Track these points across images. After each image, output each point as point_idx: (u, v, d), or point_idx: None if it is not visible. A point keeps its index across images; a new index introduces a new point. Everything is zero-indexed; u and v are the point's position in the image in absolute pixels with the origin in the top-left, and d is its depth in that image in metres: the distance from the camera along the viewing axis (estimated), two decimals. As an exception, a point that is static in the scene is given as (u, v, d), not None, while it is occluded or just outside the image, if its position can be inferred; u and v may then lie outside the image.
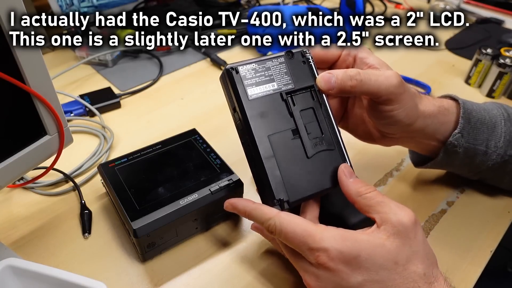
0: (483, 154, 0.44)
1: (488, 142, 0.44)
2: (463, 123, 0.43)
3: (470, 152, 0.44)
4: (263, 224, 0.35)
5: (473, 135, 0.43)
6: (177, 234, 0.43)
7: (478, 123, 0.44)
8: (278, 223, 0.34)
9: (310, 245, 0.32)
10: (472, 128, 0.43)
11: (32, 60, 0.34)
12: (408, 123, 0.40)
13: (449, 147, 0.43)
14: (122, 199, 0.42)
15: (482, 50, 0.69)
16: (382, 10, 1.02)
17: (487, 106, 0.46)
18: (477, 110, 0.44)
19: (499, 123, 0.44)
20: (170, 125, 0.62)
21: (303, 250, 0.33)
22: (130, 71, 0.75)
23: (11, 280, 0.34)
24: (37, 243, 0.45)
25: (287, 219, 0.34)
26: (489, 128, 0.44)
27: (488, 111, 0.45)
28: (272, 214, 0.34)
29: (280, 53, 0.39)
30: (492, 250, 0.45)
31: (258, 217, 0.35)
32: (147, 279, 0.41)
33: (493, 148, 0.44)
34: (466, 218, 0.48)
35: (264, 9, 0.82)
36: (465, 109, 0.43)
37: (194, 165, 0.46)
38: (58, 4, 0.78)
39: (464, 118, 0.43)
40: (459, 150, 0.43)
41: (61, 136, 0.39)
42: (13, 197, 0.50)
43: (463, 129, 0.43)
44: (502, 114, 0.45)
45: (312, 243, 0.32)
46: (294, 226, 0.33)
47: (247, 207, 0.36)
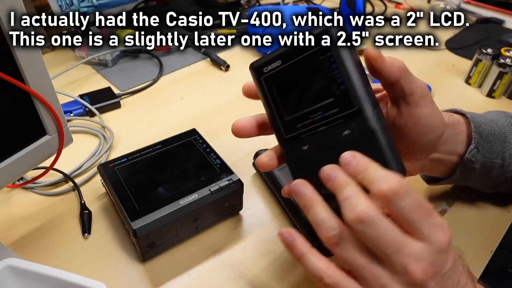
0: (500, 167, 0.43)
1: (503, 154, 0.42)
2: (477, 138, 0.41)
3: (486, 167, 0.43)
4: (383, 179, 0.27)
5: (487, 149, 0.42)
6: (177, 234, 0.43)
7: (489, 136, 0.42)
8: (407, 183, 0.27)
9: (435, 219, 0.28)
10: (485, 141, 0.42)
11: (32, 60, 0.34)
12: (442, 129, 0.37)
13: (467, 164, 0.41)
14: (122, 199, 0.42)
15: (482, 50, 0.69)
16: (382, 10, 1.02)
17: (493, 116, 0.45)
18: (485, 122, 0.42)
19: (509, 133, 0.43)
20: (170, 125, 0.62)
21: (425, 224, 0.27)
22: (130, 71, 0.75)
23: (10, 280, 0.34)
24: (37, 243, 0.45)
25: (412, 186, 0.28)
26: (500, 139, 0.43)
27: (496, 122, 0.44)
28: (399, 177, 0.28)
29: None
30: (492, 250, 0.45)
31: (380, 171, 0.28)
32: (147, 279, 0.41)
33: (508, 159, 0.42)
34: (466, 218, 0.48)
35: (264, 9, 0.82)
36: (475, 122, 0.42)
37: (194, 165, 0.46)
38: (58, 4, 0.78)
39: (476, 132, 0.41)
40: (476, 166, 0.42)
41: (61, 136, 0.39)
42: (12, 197, 0.50)
43: (478, 144, 0.41)
44: (509, 123, 0.44)
45: (436, 216, 0.28)
46: (421, 196, 0.28)
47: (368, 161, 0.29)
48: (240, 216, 0.48)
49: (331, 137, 0.30)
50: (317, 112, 0.31)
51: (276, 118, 0.33)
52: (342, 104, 0.30)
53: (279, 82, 0.32)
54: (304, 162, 0.32)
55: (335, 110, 0.30)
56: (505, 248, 0.56)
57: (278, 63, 0.32)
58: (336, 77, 0.30)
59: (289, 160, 0.33)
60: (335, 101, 0.30)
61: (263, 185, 0.52)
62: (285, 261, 0.43)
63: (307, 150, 0.31)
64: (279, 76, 0.32)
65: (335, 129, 0.30)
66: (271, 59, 0.32)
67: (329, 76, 0.30)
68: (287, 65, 0.32)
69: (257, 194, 0.51)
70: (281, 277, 0.42)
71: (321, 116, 0.31)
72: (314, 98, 0.31)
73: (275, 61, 0.32)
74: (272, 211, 0.49)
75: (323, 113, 0.31)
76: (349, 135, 0.30)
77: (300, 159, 0.32)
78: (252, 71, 0.34)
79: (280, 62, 0.32)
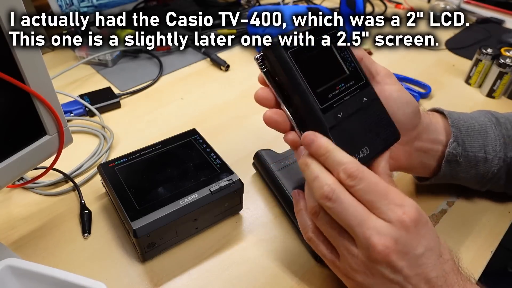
0: (484, 161, 0.44)
1: (486, 147, 0.44)
2: (455, 132, 0.43)
3: (471, 161, 0.44)
4: (344, 165, 0.31)
5: (468, 143, 0.43)
6: (177, 234, 0.43)
7: (469, 131, 0.44)
8: (361, 168, 0.31)
9: (395, 200, 0.30)
10: (465, 135, 0.43)
11: (32, 60, 0.34)
12: (415, 104, 0.39)
13: (449, 157, 0.43)
14: (122, 199, 0.42)
15: (482, 50, 0.69)
16: (382, 10, 1.02)
17: (474, 114, 0.46)
18: (464, 119, 0.44)
19: (490, 128, 0.45)
20: (170, 125, 0.62)
21: (384, 204, 0.30)
22: (130, 71, 0.75)
23: (10, 281, 0.34)
24: (36, 243, 0.45)
25: (368, 169, 0.31)
26: (481, 134, 0.44)
27: (476, 119, 0.45)
28: (354, 160, 0.31)
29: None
30: (492, 250, 0.45)
31: (339, 157, 0.31)
32: (147, 279, 0.41)
33: (492, 153, 0.44)
34: (466, 218, 0.48)
35: (264, 9, 0.82)
36: (452, 118, 0.44)
37: (194, 165, 0.46)
38: (58, 4, 0.78)
39: (454, 127, 0.43)
40: (459, 159, 0.43)
41: (61, 136, 0.39)
42: (12, 197, 0.50)
43: (457, 137, 0.43)
44: (490, 120, 0.45)
45: (395, 198, 0.30)
46: (377, 179, 0.31)
47: (330, 143, 0.32)
48: (240, 216, 0.48)
49: (355, 104, 0.36)
50: (341, 84, 0.36)
51: (308, 90, 0.34)
52: (355, 77, 0.36)
53: (303, 57, 0.34)
54: (342, 128, 0.35)
55: (352, 82, 0.36)
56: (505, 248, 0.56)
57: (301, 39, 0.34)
58: (346, 57, 0.37)
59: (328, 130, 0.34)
60: (350, 75, 0.36)
61: (263, 185, 0.52)
62: (285, 261, 0.43)
63: (342, 117, 0.35)
64: (303, 52, 0.34)
65: (356, 97, 0.36)
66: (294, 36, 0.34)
67: (342, 56, 0.36)
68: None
69: (257, 194, 0.51)
70: (281, 277, 0.42)
71: (344, 87, 0.36)
72: (336, 73, 0.36)
73: (298, 38, 0.34)
74: (272, 211, 0.49)
75: (345, 84, 0.36)
76: (366, 101, 0.36)
77: (337, 126, 0.34)
78: (276, 46, 0.34)
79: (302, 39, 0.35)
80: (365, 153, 0.35)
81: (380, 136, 0.36)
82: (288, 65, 0.33)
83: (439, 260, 0.31)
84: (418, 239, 0.30)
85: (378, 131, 0.36)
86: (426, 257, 0.30)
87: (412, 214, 0.30)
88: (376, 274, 0.31)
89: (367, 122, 0.36)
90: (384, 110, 0.37)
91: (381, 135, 0.36)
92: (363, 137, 0.35)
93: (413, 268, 0.30)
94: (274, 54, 0.34)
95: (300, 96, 0.34)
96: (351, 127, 0.35)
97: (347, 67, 0.36)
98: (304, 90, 0.33)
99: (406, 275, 0.30)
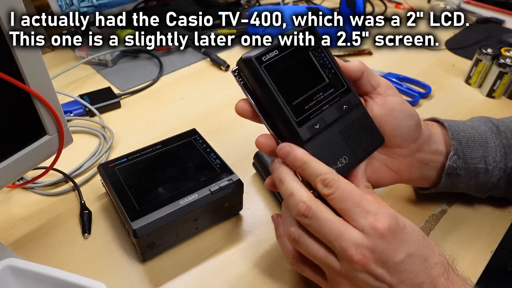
0: (485, 172, 0.43)
1: (486, 158, 0.43)
2: (455, 145, 0.42)
3: (471, 172, 0.43)
4: (320, 176, 0.32)
5: (469, 155, 0.43)
6: (177, 234, 0.43)
7: (469, 142, 0.43)
8: (337, 178, 0.31)
9: (368, 208, 0.30)
10: (465, 147, 0.43)
11: (32, 60, 0.34)
12: (417, 117, 0.39)
13: (450, 171, 0.42)
14: (122, 199, 0.42)
15: (482, 50, 0.69)
16: (382, 10, 1.02)
17: (474, 123, 0.46)
18: (464, 130, 0.44)
19: (490, 138, 0.44)
20: (170, 125, 0.62)
21: (357, 212, 0.30)
22: (130, 71, 0.75)
23: (10, 281, 0.34)
24: (37, 243, 0.45)
25: (343, 179, 0.32)
26: (481, 144, 0.43)
27: (476, 128, 0.45)
28: (330, 170, 0.32)
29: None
30: (492, 250, 0.45)
31: (315, 168, 0.32)
32: (147, 279, 0.41)
33: (492, 163, 0.43)
34: (466, 219, 0.48)
35: (264, 9, 0.82)
36: (453, 130, 0.43)
37: (194, 165, 0.46)
38: (58, 4, 0.78)
39: (454, 139, 0.42)
40: (460, 172, 0.43)
41: (61, 136, 0.39)
42: (12, 197, 0.50)
43: (457, 150, 0.42)
44: (490, 129, 0.45)
45: (369, 206, 0.30)
46: (352, 187, 0.31)
47: (306, 155, 0.33)
48: (240, 216, 0.48)
49: (335, 113, 0.35)
50: (319, 93, 0.35)
51: (283, 104, 0.33)
52: (336, 84, 0.36)
53: (279, 69, 0.34)
54: (320, 140, 0.35)
55: (332, 90, 0.36)
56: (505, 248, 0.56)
57: (275, 52, 0.34)
58: (326, 63, 0.36)
59: (304, 142, 0.34)
60: (330, 83, 0.36)
61: (263, 185, 0.52)
62: (285, 261, 0.43)
63: (319, 128, 0.34)
64: (278, 64, 0.34)
65: (336, 105, 0.36)
66: (268, 50, 0.34)
67: (321, 63, 0.36)
68: (284, 54, 0.34)
69: (257, 194, 0.51)
70: (281, 277, 0.42)
71: (323, 96, 0.35)
72: (313, 82, 0.35)
73: (272, 51, 0.34)
74: (272, 211, 0.49)
75: (323, 93, 0.35)
76: (346, 109, 0.36)
77: (314, 138, 0.34)
78: (248, 61, 0.33)
79: (277, 51, 0.34)
80: (343, 163, 0.35)
81: (362, 143, 0.36)
82: (262, 79, 0.33)
83: (425, 265, 0.31)
84: (396, 246, 0.30)
85: (360, 138, 0.36)
86: (408, 263, 0.30)
87: (385, 220, 0.30)
88: (362, 284, 0.31)
89: (347, 130, 0.36)
90: (367, 116, 0.37)
91: (362, 142, 0.36)
92: (342, 146, 0.35)
93: (395, 276, 0.30)
94: (248, 68, 0.33)
95: (275, 110, 0.34)
96: (329, 137, 0.35)
97: (326, 74, 0.36)
98: (278, 104, 0.33)
99: (389, 282, 0.30)
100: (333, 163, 0.34)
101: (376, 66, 0.76)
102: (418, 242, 0.31)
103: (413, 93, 0.68)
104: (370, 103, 0.38)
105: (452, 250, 0.44)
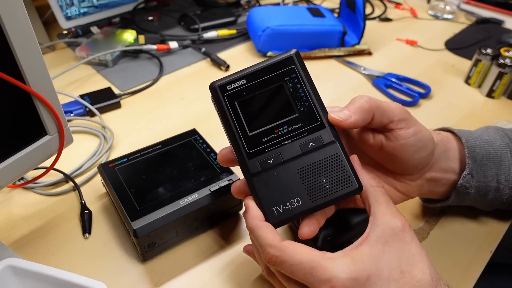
0: (495, 190, 0.42)
1: (498, 177, 0.42)
2: (470, 163, 0.40)
3: (481, 190, 0.42)
4: (263, 247, 0.31)
5: (482, 173, 0.41)
6: (177, 234, 0.43)
7: (484, 160, 0.41)
8: (279, 253, 0.30)
9: (320, 277, 0.29)
10: (479, 165, 0.41)
11: (32, 60, 0.34)
12: (431, 146, 0.37)
13: (461, 190, 0.41)
14: (122, 199, 0.42)
15: (482, 50, 0.69)
16: (382, 10, 1.02)
17: (490, 135, 0.43)
18: (480, 145, 0.42)
19: (505, 155, 0.42)
20: (170, 125, 0.62)
21: (311, 282, 0.30)
22: (130, 71, 0.75)
23: (11, 280, 0.34)
24: (37, 243, 0.45)
25: (291, 248, 0.30)
26: (495, 162, 0.42)
27: (492, 144, 0.42)
28: (275, 242, 0.31)
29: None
30: (492, 250, 0.45)
31: (260, 237, 0.31)
32: (147, 279, 0.41)
33: (504, 182, 0.42)
34: (466, 219, 0.48)
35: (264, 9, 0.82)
36: (469, 147, 0.41)
37: (194, 165, 0.46)
38: (59, 5, 0.78)
39: (470, 158, 0.41)
40: (470, 191, 0.41)
41: (61, 136, 0.39)
42: (13, 197, 0.50)
43: (472, 170, 0.41)
44: (507, 145, 0.43)
45: (322, 274, 0.29)
46: (300, 257, 0.30)
47: (253, 219, 0.32)
48: (240, 216, 0.48)
49: (296, 150, 0.33)
50: (282, 126, 0.33)
51: (237, 133, 0.34)
52: (307, 118, 0.33)
53: (242, 99, 0.34)
54: (269, 176, 0.33)
55: (300, 125, 0.33)
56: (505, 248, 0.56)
57: (242, 81, 0.34)
58: (300, 95, 0.33)
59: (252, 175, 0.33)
60: (300, 116, 0.33)
61: (263, 185, 0.52)
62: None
63: (272, 163, 0.33)
64: (242, 94, 0.34)
65: (300, 141, 0.33)
66: (235, 78, 0.34)
67: (294, 95, 0.34)
68: (251, 84, 0.34)
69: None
70: (281, 277, 0.42)
71: (286, 130, 0.33)
72: (278, 114, 0.34)
73: (239, 80, 0.34)
74: (272, 211, 0.49)
75: (288, 127, 0.33)
76: (313, 147, 0.33)
77: (263, 173, 0.33)
78: (212, 89, 0.34)
79: (244, 81, 0.34)
80: (294, 205, 0.32)
81: (324, 187, 0.32)
82: (222, 107, 0.34)
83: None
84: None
85: (322, 181, 0.32)
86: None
87: (340, 283, 0.29)
88: None
89: (307, 170, 0.33)
90: (341, 158, 0.33)
91: (325, 186, 0.32)
92: (297, 187, 0.32)
93: None
94: (212, 94, 0.35)
95: (230, 139, 0.34)
96: (282, 175, 0.33)
97: (298, 107, 0.33)
98: (233, 133, 0.34)
99: None
100: (280, 203, 0.32)
101: (376, 66, 0.77)
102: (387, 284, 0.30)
103: (412, 93, 0.68)
104: (379, 138, 0.36)
105: (451, 250, 0.45)
